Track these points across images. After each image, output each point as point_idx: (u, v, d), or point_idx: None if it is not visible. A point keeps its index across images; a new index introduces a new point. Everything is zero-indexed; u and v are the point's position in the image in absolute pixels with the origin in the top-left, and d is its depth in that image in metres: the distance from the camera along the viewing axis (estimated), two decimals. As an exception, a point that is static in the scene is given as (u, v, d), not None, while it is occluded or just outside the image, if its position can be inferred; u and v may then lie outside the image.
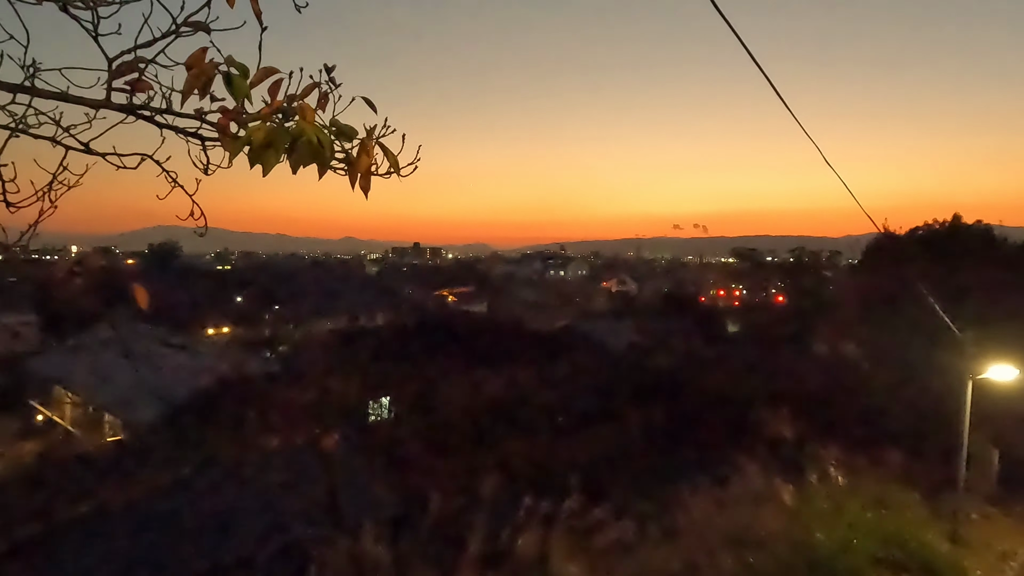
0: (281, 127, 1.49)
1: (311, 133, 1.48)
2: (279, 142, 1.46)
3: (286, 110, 1.61)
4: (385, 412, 26.12)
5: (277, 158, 1.47)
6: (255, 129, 1.46)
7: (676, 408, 20.92)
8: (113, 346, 22.58)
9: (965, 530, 11.33)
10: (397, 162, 1.69)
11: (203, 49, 1.67)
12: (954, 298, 15.98)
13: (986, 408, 16.05)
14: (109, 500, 10.84)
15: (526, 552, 5.24)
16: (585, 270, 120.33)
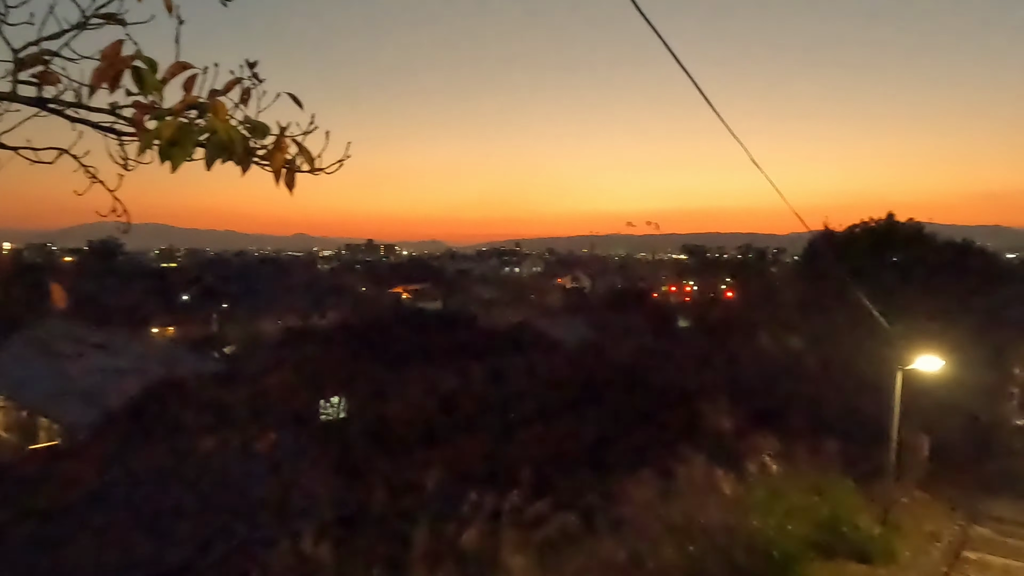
0: (188, 123, 1.48)
1: (221, 129, 1.47)
2: (187, 139, 1.45)
3: (201, 106, 1.60)
4: (337, 411, 25.83)
5: (185, 155, 1.46)
6: (164, 125, 1.45)
7: (626, 402, 21.28)
8: (44, 347, 21.65)
9: (896, 514, 11.88)
10: (312, 159, 1.70)
11: (119, 42, 1.64)
12: (887, 292, 16.74)
13: (917, 397, 16.85)
14: (38, 507, 10.41)
15: (471, 547, 5.28)
16: (540, 267, 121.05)
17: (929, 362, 10.83)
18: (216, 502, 12.98)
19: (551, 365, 29.54)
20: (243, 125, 1.57)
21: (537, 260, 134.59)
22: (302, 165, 1.78)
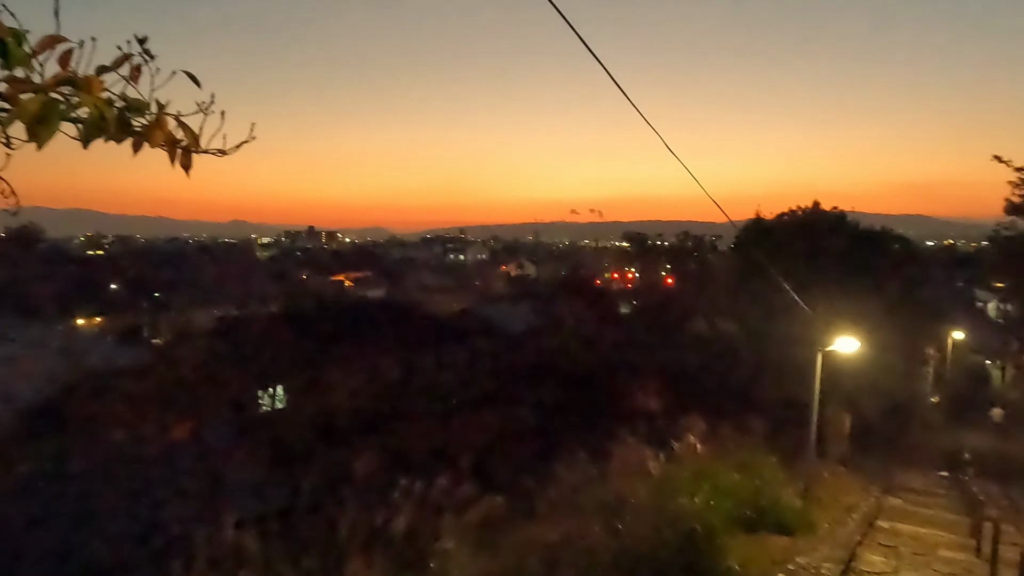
0: (54, 100, 1.44)
1: (90, 105, 1.43)
2: (52, 115, 1.41)
3: (74, 81, 1.55)
4: (277, 401, 25.36)
5: (51, 132, 1.42)
6: (29, 101, 1.40)
7: (567, 387, 21.62)
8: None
9: (817, 488, 12.53)
10: (196, 136, 1.67)
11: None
12: (811, 277, 17.54)
13: (840, 377, 17.75)
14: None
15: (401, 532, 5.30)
16: (485, 254, 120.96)
17: (847, 343, 11.41)
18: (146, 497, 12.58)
19: (495, 352, 29.68)
20: (120, 102, 1.53)
21: (482, 247, 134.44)
22: (189, 145, 1.74)
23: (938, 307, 39.03)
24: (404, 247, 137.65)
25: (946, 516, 13.11)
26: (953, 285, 57.21)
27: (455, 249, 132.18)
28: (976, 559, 9.23)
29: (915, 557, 9.24)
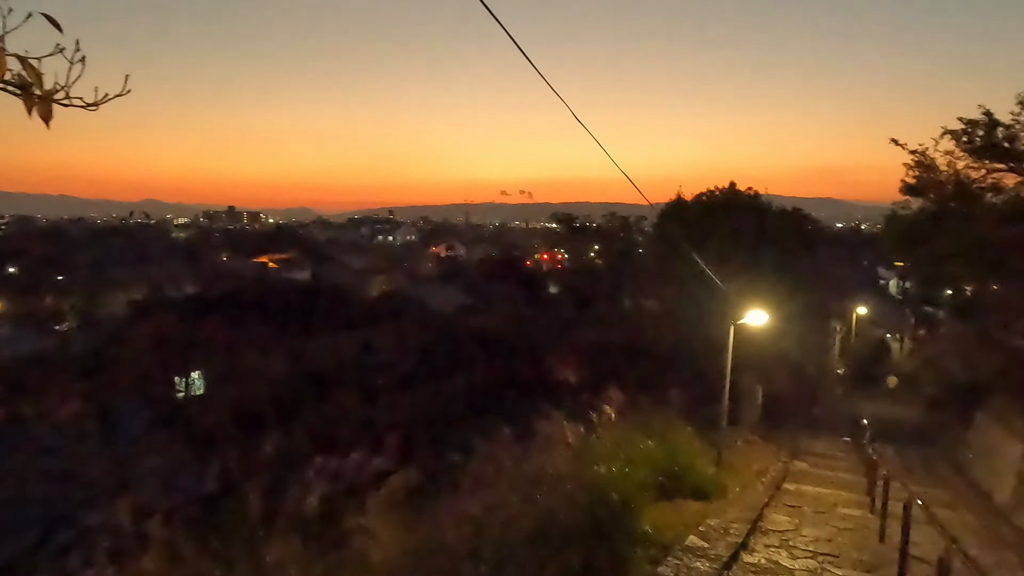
0: None
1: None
2: None
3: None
4: (196, 387, 24.48)
5: None
6: None
7: (496, 365, 21.79)
8: None
9: (730, 455, 13.19)
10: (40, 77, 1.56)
11: None
12: (727, 255, 18.30)
13: (753, 351, 18.65)
14: None
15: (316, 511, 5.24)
16: (414, 235, 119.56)
17: (757, 316, 11.97)
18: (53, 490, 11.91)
19: (424, 333, 29.51)
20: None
21: (411, 228, 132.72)
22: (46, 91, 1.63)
23: (844, 284, 41.60)
24: (331, 228, 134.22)
25: (846, 477, 14.09)
26: (859, 264, 60.74)
27: (384, 230, 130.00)
28: (870, 514, 9.94)
29: (816, 515, 9.88)
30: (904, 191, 15.64)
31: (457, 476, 9.82)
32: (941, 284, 36.06)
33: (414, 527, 6.60)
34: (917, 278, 43.72)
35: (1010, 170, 13.97)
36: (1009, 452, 12.80)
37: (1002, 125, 13.57)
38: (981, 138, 13.73)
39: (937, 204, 15.32)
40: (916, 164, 14.97)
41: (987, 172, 14.25)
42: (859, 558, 7.60)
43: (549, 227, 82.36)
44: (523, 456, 8.69)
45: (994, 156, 13.83)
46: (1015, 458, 12.31)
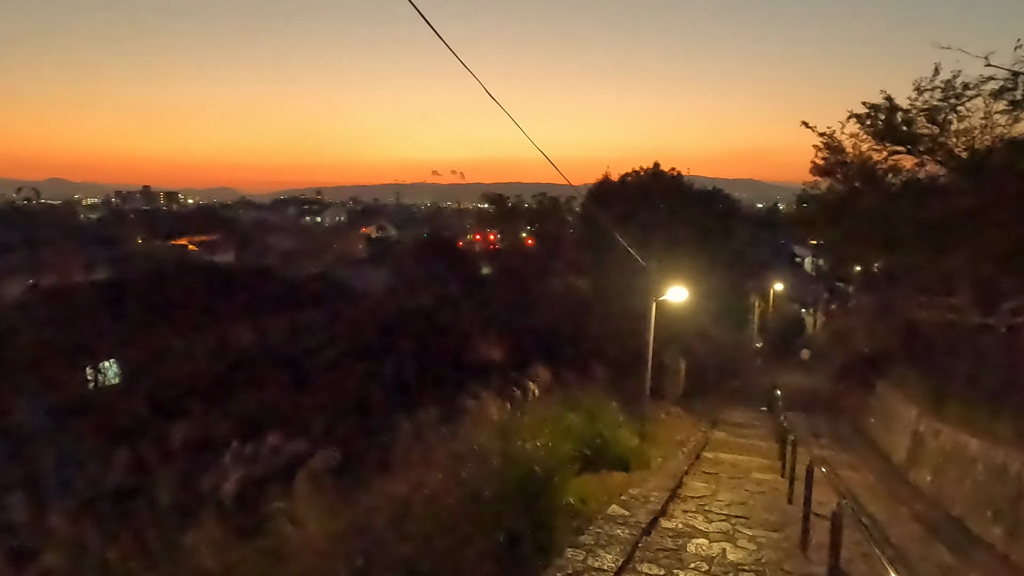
0: None
1: None
2: None
3: None
4: (111, 377, 23.33)
5: None
6: None
7: (427, 346, 21.71)
8: None
9: (653, 427, 13.65)
10: None
11: None
12: (651, 234, 18.82)
13: (677, 327, 19.32)
14: None
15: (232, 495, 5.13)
16: (343, 216, 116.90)
17: (678, 292, 12.37)
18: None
19: (353, 315, 29.06)
20: None
21: (340, 209, 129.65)
22: None
23: (762, 262, 43.54)
24: (256, 209, 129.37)
25: (761, 444, 14.87)
26: (777, 242, 63.54)
27: (312, 211, 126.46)
28: (781, 478, 10.54)
29: (732, 480, 10.40)
30: (814, 172, 16.47)
31: (384, 457, 9.80)
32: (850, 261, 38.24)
33: (340, 510, 6.55)
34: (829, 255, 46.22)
35: (908, 152, 14.92)
36: (906, 416, 13.80)
37: (901, 110, 14.45)
38: (883, 122, 14.59)
39: (844, 184, 16.23)
40: (825, 146, 15.78)
41: (888, 154, 15.18)
42: (768, 519, 8.07)
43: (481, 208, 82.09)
44: (450, 435, 8.75)
45: (894, 139, 14.72)
46: (911, 421, 13.28)
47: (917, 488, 11.55)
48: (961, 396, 10.93)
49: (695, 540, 6.99)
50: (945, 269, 15.03)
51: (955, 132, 14.36)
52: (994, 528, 8.09)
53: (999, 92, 13.33)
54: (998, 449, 8.53)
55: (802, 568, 6.27)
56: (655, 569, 6.01)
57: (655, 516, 7.65)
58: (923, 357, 14.40)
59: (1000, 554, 7.58)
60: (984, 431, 9.30)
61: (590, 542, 6.42)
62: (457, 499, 6.65)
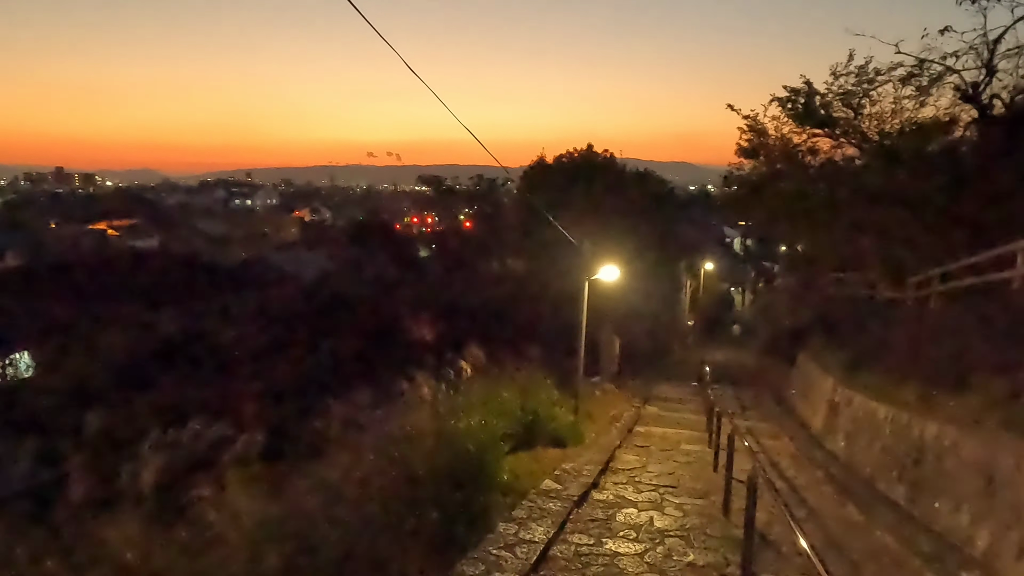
0: None
1: None
2: None
3: None
4: (23, 369, 22.11)
5: None
6: None
7: (363, 330, 21.46)
8: None
9: (588, 404, 13.95)
10: None
11: None
12: (584, 214, 19.11)
13: (611, 305, 19.72)
14: None
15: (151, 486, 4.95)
16: (275, 199, 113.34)
17: (610, 272, 12.61)
18: None
19: (286, 301, 28.38)
20: None
21: (272, 192, 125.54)
22: None
23: (694, 242, 44.88)
24: (180, 191, 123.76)
25: (691, 417, 15.42)
26: (708, 224, 65.49)
27: (242, 194, 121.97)
28: (708, 448, 10.97)
29: (662, 453, 10.78)
30: (738, 154, 17.04)
31: (315, 441, 9.65)
32: (776, 241, 39.92)
33: (269, 496, 6.43)
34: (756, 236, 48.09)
35: (825, 135, 15.62)
36: (823, 386, 14.56)
37: (819, 94, 15.10)
38: (802, 105, 15.21)
39: (767, 166, 16.87)
40: (749, 128, 16.35)
41: (808, 137, 15.86)
42: (694, 487, 8.41)
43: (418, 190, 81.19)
44: (384, 417, 8.69)
45: (812, 122, 15.38)
46: (827, 391, 14.02)
47: (832, 453, 12.24)
48: (872, 366, 11.60)
49: (625, 510, 7.22)
50: (859, 247, 15.90)
51: (868, 116, 15.12)
52: (898, 487, 8.68)
53: (907, 78, 14.10)
54: (903, 414, 9.11)
55: (723, 531, 6.58)
56: (585, 539, 6.19)
57: (587, 489, 7.85)
58: (839, 330, 15.19)
59: (903, 511, 8.14)
60: (892, 398, 9.91)
61: (523, 516, 6.54)
62: (390, 480, 6.65)
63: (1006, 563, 5.78)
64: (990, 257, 10.30)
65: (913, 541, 6.78)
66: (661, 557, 5.78)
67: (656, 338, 27.15)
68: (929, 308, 12.20)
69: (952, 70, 13.81)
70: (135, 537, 4.89)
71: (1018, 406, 6.43)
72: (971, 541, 6.44)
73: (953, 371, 8.19)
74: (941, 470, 7.53)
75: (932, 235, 13.48)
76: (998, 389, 6.96)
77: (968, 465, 6.95)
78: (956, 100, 14.15)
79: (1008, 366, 7.03)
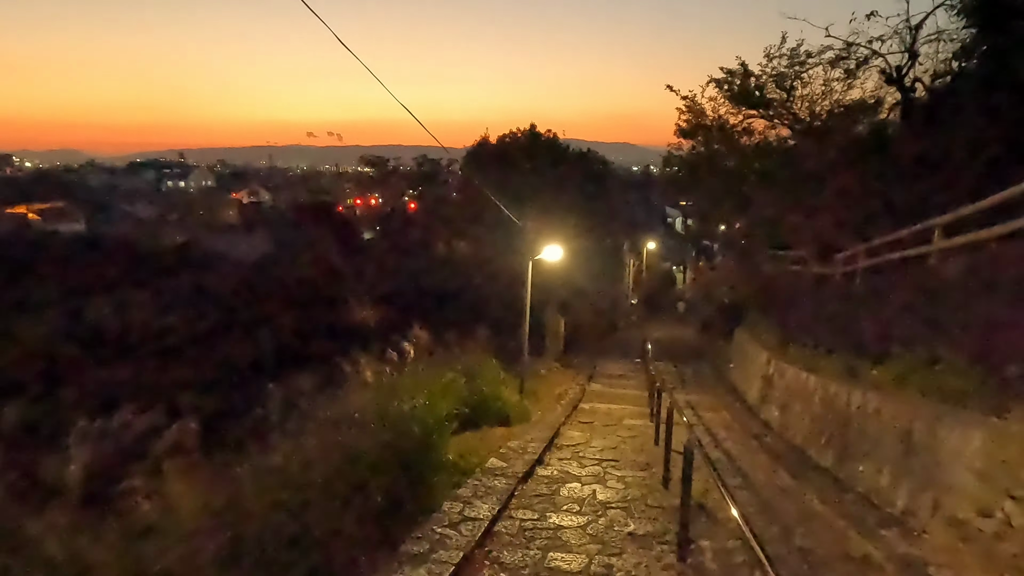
0: None
1: None
2: None
3: None
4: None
5: None
6: None
7: (304, 314, 21.03)
8: None
9: (534, 383, 14.11)
10: None
11: None
12: (528, 194, 19.14)
13: (555, 286, 19.90)
14: None
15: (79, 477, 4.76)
16: (211, 180, 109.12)
17: (553, 251, 12.70)
18: None
19: (225, 285, 27.50)
20: None
21: (207, 173, 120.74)
22: None
23: (636, 223, 45.66)
24: (107, 173, 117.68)
25: (634, 393, 15.79)
26: (650, 204, 66.58)
27: (174, 175, 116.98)
28: (650, 423, 11.26)
29: (605, 428, 11.01)
30: (678, 134, 17.36)
31: (256, 427, 9.46)
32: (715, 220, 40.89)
33: (206, 484, 6.28)
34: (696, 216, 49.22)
35: (760, 116, 16.09)
36: (758, 360, 15.11)
37: (754, 75, 15.51)
38: (738, 87, 15.60)
39: (705, 146, 17.26)
40: (688, 109, 16.67)
41: (743, 117, 16.29)
42: (636, 459, 8.64)
43: (361, 171, 79.52)
44: (327, 401, 8.58)
45: (747, 103, 15.81)
46: (762, 364, 14.56)
47: (767, 423, 12.76)
48: (803, 339, 12.09)
49: (568, 484, 7.36)
50: (792, 224, 16.47)
51: (800, 97, 15.64)
52: (827, 453, 9.13)
53: (835, 61, 14.63)
54: (831, 384, 9.55)
55: (663, 501, 6.79)
56: (530, 514, 6.28)
57: (532, 465, 7.96)
58: (773, 306, 15.74)
59: (831, 475, 8.57)
60: (821, 369, 10.38)
61: (468, 494, 6.59)
62: (334, 464, 6.58)
63: (921, 520, 6.17)
64: (912, 233, 10.84)
65: (839, 503, 7.16)
66: (603, 528, 5.93)
67: (600, 317, 27.58)
68: (855, 283, 12.78)
69: (878, 54, 14.40)
70: (62, 530, 4.70)
71: (935, 372, 6.83)
72: (891, 500, 6.84)
73: (876, 342, 8.63)
74: (864, 435, 7.96)
75: (858, 213, 14.10)
76: (917, 357, 7.37)
77: (889, 430, 7.37)
78: (881, 83, 14.77)
79: (927, 336, 7.45)
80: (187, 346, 18.32)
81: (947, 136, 11.80)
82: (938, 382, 6.70)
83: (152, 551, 4.92)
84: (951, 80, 13.47)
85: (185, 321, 22.70)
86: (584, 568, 5.02)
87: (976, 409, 5.95)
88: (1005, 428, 5.48)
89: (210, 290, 27.11)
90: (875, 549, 5.55)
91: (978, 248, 8.38)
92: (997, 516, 5.24)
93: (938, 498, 6.07)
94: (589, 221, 22.12)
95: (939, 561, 5.28)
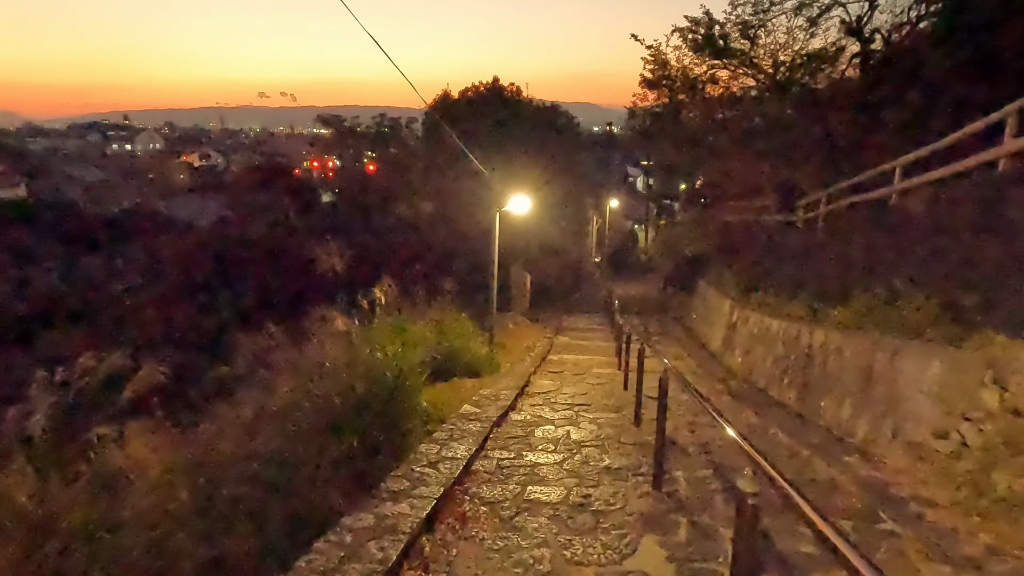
0: None
1: None
2: None
3: None
4: None
5: None
6: None
7: (266, 276, 20.61)
8: None
9: (502, 337, 14.16)
10: None
11: None
12: (492, 148, 18.91)
13: (521, 243, 19.85)
14: None
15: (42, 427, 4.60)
16: (159, 143, 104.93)
17: (520, 202, 12.61)
18: None
19: (179, 249, 26.72)
20: None
21: (154, 135, 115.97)
22: None
23: (599, 182, 45.75)
24: (47, 136, 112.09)
25: (601, 344, 16.01)
26: (612, 163, 66.67)
27: (120, 138, 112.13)
28: (618, 371, 11.44)
29: (574, 377, 11.15)
30: (642, 84, 17.26)
31: (225, 382, 9.31)
32: (677, 176, 41.15)
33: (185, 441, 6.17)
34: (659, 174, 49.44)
35: (724, 66, 16.07)
36: (721, 309, 15.44)
37: (718, 23, 15.43)
38: (702, 36, 15.51)
39: (669, 98, 17.21)
40: (652, 59, 16.54)
41: (707, 68, 16.25)
42: (607, 403, 8.79)
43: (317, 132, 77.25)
44: (297, 354, 8.46)
45: (711, 52, 15.76)
46: (725, 313, 14.88)
47: (731, 368, 13.11)
48: (766, 287, 12.37)
49: (542, 427, 7.45)
50: (755, 173, 16.66)
51: (763, 46, 15.65)
52: (789, 391, 9.42)
53: (798, 8, 14.63)
54: (794, 326, 9.82)
55: (635, 438, 6.93)
56: (506, 454, 6.35)
57: (505, 411, 8.02)
58: (735, 256, 16.03)
59: (794, 411, 8.86)
60: (784, 313, 10.65)
61: (444, 437, 6.62)
62: (307, 413, 6.51)
63: (881, 447, 6.45)
64: (872, 176, 11.08)
65: (803, 435, 7.42)
66: (579, 463, 6.03)
67: (565, 273, 27.73)
68: (818, 228, 13.05)
69: (839, 3, 14.45)
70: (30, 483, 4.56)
71: (895, 308, 7.05)
72: (852, 431, 7.12)
73: (838, 284, 8.86)
74: (826, 372, 8.23)
75: (819, 160, 14.34)
76: (878, 296, 7.60)
77: (850, 366, 7.63)
78: (842, 33, 14.86)
79: (887, 274, 7.67)
80: (144, 309, 17.82)
81: (905, 83, 12.00)
82: (898, 317, 6.93)
83: (123, 502, 4.82)
84: (910, 28, 13.64)
85: (142, 285, 22.07)
86: (563, 499, 5.11)
87: (934, 340, 6.19)
88: (961, 355, 5.71)
89: (166, 254, 26.35)
90: (839, 474, 5.78)
91: (940, 186, 8.60)
92: (953, 437, 5.50)
93: (897, 425, 6.34)
94: (554, 178, 22.02)
95: (899, 481, 5.53)
